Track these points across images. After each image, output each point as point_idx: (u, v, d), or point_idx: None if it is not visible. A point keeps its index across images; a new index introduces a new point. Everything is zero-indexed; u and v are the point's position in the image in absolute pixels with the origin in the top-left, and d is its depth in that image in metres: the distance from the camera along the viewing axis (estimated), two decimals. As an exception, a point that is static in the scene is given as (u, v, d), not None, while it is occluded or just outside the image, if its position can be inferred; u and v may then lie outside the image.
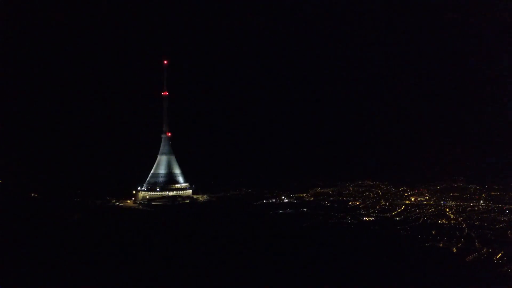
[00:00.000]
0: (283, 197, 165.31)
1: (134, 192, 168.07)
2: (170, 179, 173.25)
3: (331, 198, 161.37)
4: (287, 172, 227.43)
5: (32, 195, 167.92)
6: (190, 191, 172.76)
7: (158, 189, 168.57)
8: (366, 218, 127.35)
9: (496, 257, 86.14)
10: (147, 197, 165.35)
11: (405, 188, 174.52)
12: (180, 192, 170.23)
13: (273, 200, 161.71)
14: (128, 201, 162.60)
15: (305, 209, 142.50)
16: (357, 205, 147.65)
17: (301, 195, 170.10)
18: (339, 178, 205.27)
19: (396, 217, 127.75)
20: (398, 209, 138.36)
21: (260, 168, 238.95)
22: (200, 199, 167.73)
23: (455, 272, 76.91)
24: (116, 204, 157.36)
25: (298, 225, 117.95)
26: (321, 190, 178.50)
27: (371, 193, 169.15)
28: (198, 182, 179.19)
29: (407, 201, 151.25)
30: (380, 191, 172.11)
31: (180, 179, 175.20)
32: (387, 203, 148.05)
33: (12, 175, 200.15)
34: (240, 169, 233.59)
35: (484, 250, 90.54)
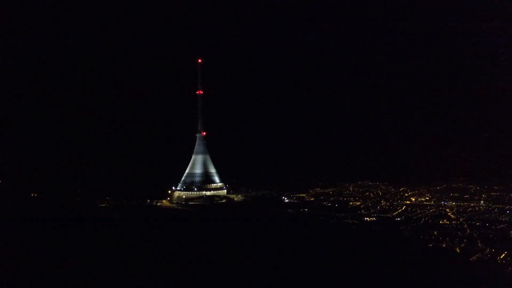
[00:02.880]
0: (283, 197, 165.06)
1: (169, 192, 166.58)
2: (207, 178, 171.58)
3: (332, 198, 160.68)
4: (287, 172, 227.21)
5: (33, 194, 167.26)
6: (225, 191, 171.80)
7: (195, 189, 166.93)
8: (367, 219, 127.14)
9: (500, 257, 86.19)
10: (184, 197, 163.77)
11: (405, 188, 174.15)
12: (217, 192, 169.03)
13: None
14: (164, 201, 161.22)
15: (306, 209, 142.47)
16: (358, 205, 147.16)
17: (301, 195, 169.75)
18: (339, 178, 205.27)
19: (397, 218, 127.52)
20: (399, 209, 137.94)
21: (260, 167, 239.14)
22: (236, 199, 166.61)
23: (460, 272, 76.81)
24: (153, 204, 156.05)
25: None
26: (321, 190, 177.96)
27: (371, 193, 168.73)
28: (229, 181, 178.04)
29: (408, 202, 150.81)
30: (381, 191, 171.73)
31: (216, 178, 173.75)
32: (388, 204, 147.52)
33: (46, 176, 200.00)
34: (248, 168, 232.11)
35: (487, 250, 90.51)
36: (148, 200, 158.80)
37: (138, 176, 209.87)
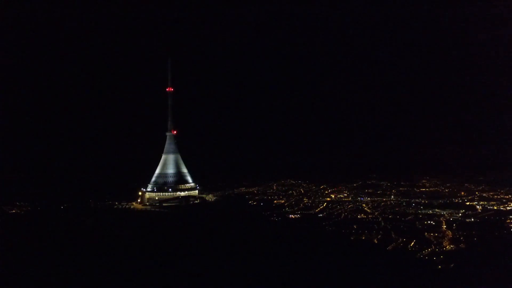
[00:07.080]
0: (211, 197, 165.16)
1: (140, 193, 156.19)
2: (180, 179, 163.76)
3: (256, 197, 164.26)
4: (211, 172, 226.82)
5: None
6: (197, 191, 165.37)
7: (170, 190, 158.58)
8: (292, 216, 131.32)
9: (410, 245, 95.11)
10: (157, 198, 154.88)
11: (325, 186, 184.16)
12: (190, 192, 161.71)
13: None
14: (134, 203, 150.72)
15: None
16: (282, 203, 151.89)
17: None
18: (262, 178, 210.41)
19: (319, 214, 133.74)
20: (321, 206, 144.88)
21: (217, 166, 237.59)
22: (207, 198, 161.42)
23: (380, 261, 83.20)
24: (124, 207, 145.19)
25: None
26: (246, 190, 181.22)
27: (294, 192, 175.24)
28: (198, 181, 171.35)
29: (328, 198, 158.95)
30: (303, 190, 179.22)
31: (189, 178, 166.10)
32: (310, 201, 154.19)
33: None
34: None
35: (400, 240, 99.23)
36: (117, 203, 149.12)
37: (99, 177, 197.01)
